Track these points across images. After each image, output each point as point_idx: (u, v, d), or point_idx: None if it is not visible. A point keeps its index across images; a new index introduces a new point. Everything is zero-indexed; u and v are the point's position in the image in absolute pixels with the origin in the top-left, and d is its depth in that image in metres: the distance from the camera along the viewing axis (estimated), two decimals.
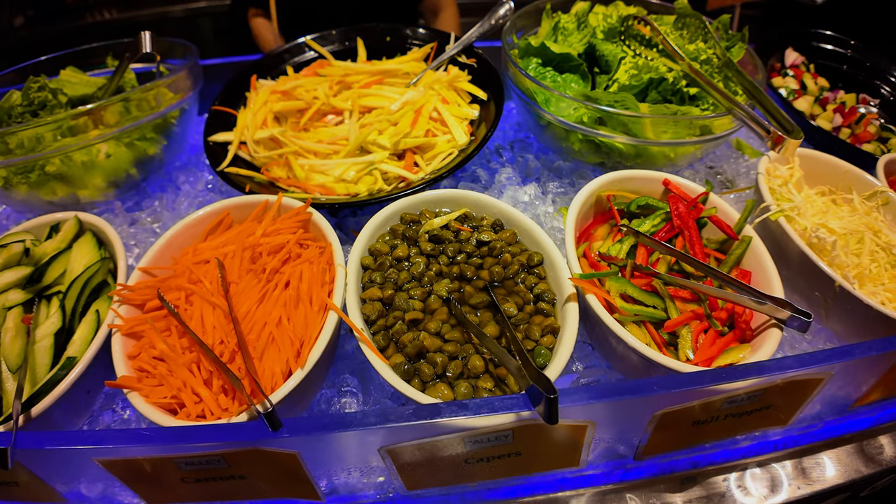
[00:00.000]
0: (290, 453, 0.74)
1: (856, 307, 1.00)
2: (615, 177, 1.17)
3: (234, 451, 0.74)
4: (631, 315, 0.95)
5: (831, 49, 1.82)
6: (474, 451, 0.81)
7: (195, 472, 0.77)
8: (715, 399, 0.82)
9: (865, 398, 1.03)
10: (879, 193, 1.23)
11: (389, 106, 1.29)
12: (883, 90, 1.75)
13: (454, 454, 0.81)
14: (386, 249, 1.06)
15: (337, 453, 0.80)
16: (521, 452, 0.84)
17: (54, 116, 1.04)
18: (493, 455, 0.83)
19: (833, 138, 1.46)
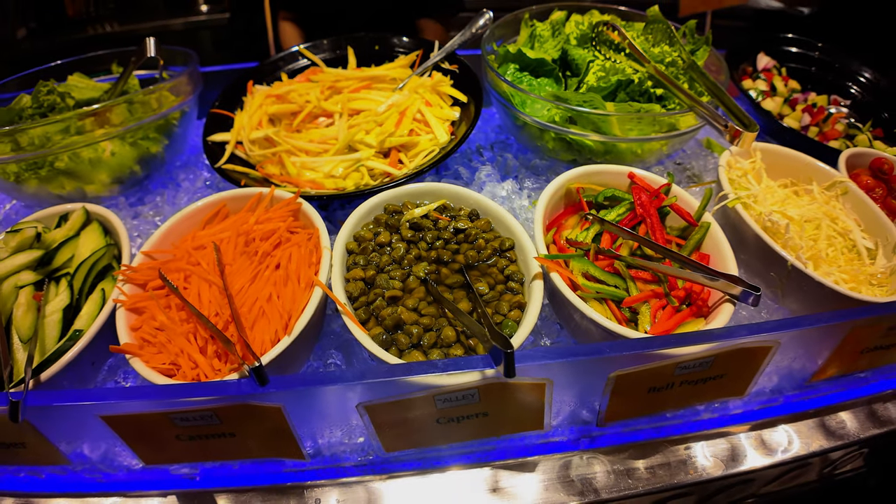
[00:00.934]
0: (275, 407, 0.83)
1: (808, 285, 1.09)
2: (584, 171, 1.27)
3: (225, 405, 0.82)
4: (592, 293, 1.04)
5: (801, 52, 1.94)
6: (445, 409, 0.89)
7: (190, 428, 0.86)
8: (666, 364, 0.91)
9: (822, 373, 1.11)
10: (839, 183, 1.32)
11: (376, 108, 1.39)
12: (852, 90, 1.86)
13: (426, 413, 0.90)
14: (370, 236, 1.16)
15: (319, 409, 0.89)
16: (489, 413, 0.93)
17: (63, 115, 1.15)
18: (463, 415, 0.92)
19: (799, 135, 1.57)
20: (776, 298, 1.19)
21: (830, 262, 1.19)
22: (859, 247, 1.21)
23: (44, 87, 1.36)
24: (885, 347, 1.10)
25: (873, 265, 1.16)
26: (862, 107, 1.83)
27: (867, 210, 1.28)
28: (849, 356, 1.08)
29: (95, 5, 3.31)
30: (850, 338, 1.02)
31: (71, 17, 3.21)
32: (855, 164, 1.44)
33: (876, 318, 1.00)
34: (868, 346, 1.08)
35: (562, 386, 0.91)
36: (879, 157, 1.47)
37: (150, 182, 1.46)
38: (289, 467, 1.02)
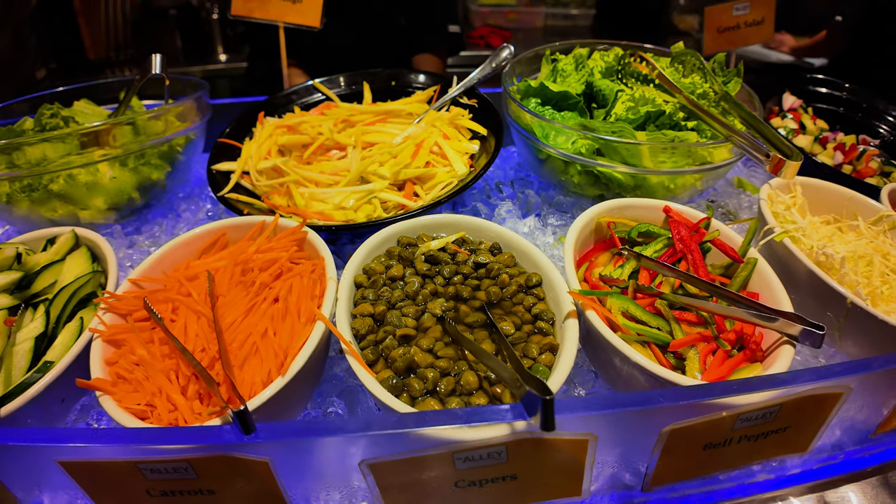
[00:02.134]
0: (262, 461, 0.69)
1: (870, 325, 0.98)
2: (615, 204, 1.18)
3: (203, 457, 0.69)
4: (634, 334, 0.92)
5: (827, 92, 1.90)
6: (465, 470, 0.75)
7: (161, 482, 0.72)
8: (726, 416, 0.77)
9: (887, 424, 0.97)
10: (885, 217, 1.23)
11: (391, 140, 1.33)
12: (881, 130, 1.80)
13: (443, 475, 0.76)
14: (381, 269, 1.05)
15: (314, 467, 0.76)
16: (518, 475, 0.79)
17: (59, 132, 1.08)
18: (487, 478, 0.78)
19: (836, 172, 1.50)
20: (833, 342, 1.05)
21: (888, 301, 1.06)
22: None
23: (47, 111, 1.31)
24: None
25: None
26: (891, 146, 1.77)
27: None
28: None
29: (116, 50, 3.40)
30: None
31: (91, 60, 3.29)
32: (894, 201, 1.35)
33: None
34: None
35: (606, 443, 0.77)
36: None
37: (150, 211, 1.38)
38: None
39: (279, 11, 1.58)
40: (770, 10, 1.83)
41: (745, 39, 1.85)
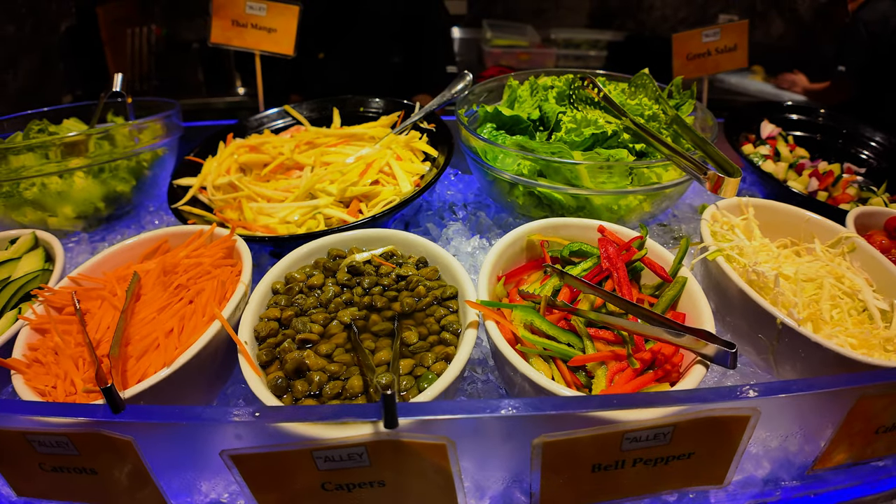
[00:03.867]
0: (125, 440, 0.72)
1: (805, 348, 0.94)
2: (549, 223, 1.18)
3: (79, 432, 0.74)
4: (537, 348, 0.90)
5: (806, 120, 1.87)
6: (329, 471, 0.75)
7: (49, 456, 0.77)
8: (609, 433, 0.74)
9: (829, 458, 0.91)
10: (844, 240, 1.18)
11: (345, 160, 1.38)
12: (862, 156, 1.79)
13: (308, 475, 0.76)
14: (302, 277, 1.08)
15: (181, 453, 0.77)
16: (385, 482, 0.77)
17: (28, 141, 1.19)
18: (353, 482, 0.77)
19: (806, 198, 1.49)
20: (770, 368, 1.00)
21: (836, 325, 1.01)
22: (871, 308, 1.04)
23: (35, 126, 1.45)
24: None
25: (889, 328, 0.97)
26: (878, 175, 1.73)
27: (880, 268, 1.15)
28: (860, 436, 0.89)
29: (140, 80, 3.67)
30: (858, 411, 0.84)
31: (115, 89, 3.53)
32: (868, 225, 1.34)
33: (889, 386, 0.80)
34: (885, 425, 0.89)
35: (473, 452, 0.75)
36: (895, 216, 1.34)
37: (118, 222, 1.48)
38: None
39: (255, 40, 1.70)
40: (742, 36, 1.83)
41: (716, 66, 1.84)
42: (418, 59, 2.80)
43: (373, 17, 2.63)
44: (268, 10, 1.67)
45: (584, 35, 4.23)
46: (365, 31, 2.66)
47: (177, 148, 1.58)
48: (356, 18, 2.61)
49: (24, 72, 3.00)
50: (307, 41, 2.62)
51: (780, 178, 1.64)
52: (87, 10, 3.32)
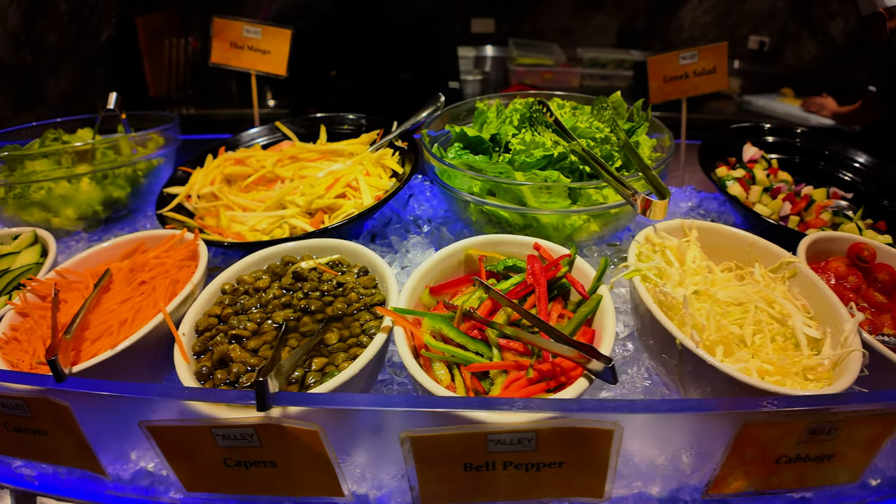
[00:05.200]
0: (63, 405, 0.86)
1: (703, 371, 0.98)
2: (488, 239, 1.27)
3: (31, 397, 0.89)
4: (439, 353, 0.99)
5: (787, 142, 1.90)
6: (226, 448, 0.87)
7: (11, 418, 0.94)
8: (473, 433, 0.82)
9: (722, 484, 0.94)
10: (786, 265, 1.19)
11: (317, 174, 1.52)
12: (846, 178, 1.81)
13: (211, 450, 0.89)
14: (251, 280, 1.22)
15: (109, 421, 0.91)
16: (276, 464, 0.88)
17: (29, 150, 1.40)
18: (248, 460, 0.89)
19: (766, 222, 1.51)
20: (678, 388, 1.04)
21: (756, 350, 1.04)
22: (798, 335, 1.06)
23: (51, 135, 1.68)
24: (815, 459, 0.93)
25: (813, 357, 0.99)
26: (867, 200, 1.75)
27: (819, 295, 1.15)
28: (758, 465, 0.93)
29: (176, 89, 4.01)
30: (746, 438, 0.87)
31: (152, 96, 3.89)
32: (828, 251, 1.36)
33: (776, 414, 0.84)
34: (787, 455, 0.92)
35: (353, 443, 0.85)
36: (858, 242, 1.36)
37: (116, 225, 1.69)
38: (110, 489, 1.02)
39: (251, 61, 1.89)
40: (722, 58, 1.86)
41: (695, 88, 1.88)
42: (428, 76, 2.96)
43: (383, 38, 2.82)
44: (263, 33, 1.86)
45: (610, 55, 4.28)
46: (376, 50, 2.85)
47: (174, 158, 1.77)
48: (367, 38, 2.80)
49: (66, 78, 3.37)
50: (321, 59, 2.86)
51: (754, 200, 1.66)
52: (127, 20, 3.68)
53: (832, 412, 0.87)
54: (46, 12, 3.21)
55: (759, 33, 4.20)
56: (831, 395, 0.92)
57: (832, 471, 0.96)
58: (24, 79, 3.14)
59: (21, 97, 3.14)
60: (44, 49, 3.20)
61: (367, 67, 2.85)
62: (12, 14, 2.97)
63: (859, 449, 0.93)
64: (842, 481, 0.99)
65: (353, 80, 2.88)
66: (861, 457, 0.95)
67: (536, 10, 4.57)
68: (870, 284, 1.34)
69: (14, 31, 3.00)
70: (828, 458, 0.93)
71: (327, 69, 2.89)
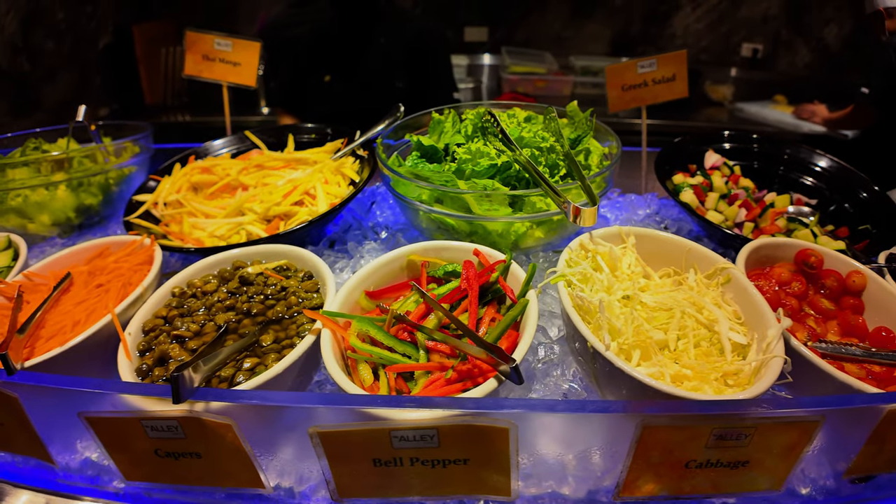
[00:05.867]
0: (12, 396, 0.95)
1: (616, 375, 1.01)
2: (431, 245, 1.34)
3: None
4: (363, 354, 1.05)
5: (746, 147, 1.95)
6: (157, 439, 0.95)
7: None
8: (376, 429, 0.88)
9: (634, 487, 0.98)
10: (720, 271, 1.24)
11: (277, 182, 1.60)
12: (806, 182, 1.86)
13: (142, 439, 0.96)
14: (200, 284, 1.29)
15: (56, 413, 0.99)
16: (202, 455, 0.95)
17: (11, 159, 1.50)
18: (177, 451, 0.96)
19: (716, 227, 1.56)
20: (596, 392, 1.09)
21: (679, 354, 1.08)
22: (723, 341, 1.10)
23: (31, 144, 1.78)
24: (729, 465, 0.95)
25: (735, 363, 1.04)
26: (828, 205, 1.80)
27: (750, 301, 1.18)
28: (667, 468, 0.96)
29: (172, 96, 4.14)
30: (648, 441, 0.90)
31: (149, 104, 4.02)
32: (776, 257, 1.40)
33: (671, 417, 0.88)
34: (697, 460, 0.95)
35: (263, 435, 0.91)
36: (805, 249, 1.38)
37: (88, 230, 1.78)
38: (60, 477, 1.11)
39: (222, 73, 1.99)
40: (681, 66, 1.90)
41: (654, 97, 1.92)
42: (424, 86, 3.07)
43: (380, 46, 2.95)
44: (233, 46, 1.95)
45: (603, 62, 4.33)
46: (371, 57, 2.99)
47: (148, 166, 1.87)
48: (364, 45, 2.93)
49: (64, 85, 3.51)
50: (315, 63, 2.96)
51: (710, 207, 1.70)
52: (124, 28, 3.82)
53: (739, 418, 0.90)
54: (44, 20, 3.35)
55: (752, 41, 4.23)
56: (729, 400, 0.92)
57: (751, 477, 0.98)
58: (21, 85, 3.28)
59: (19, 104, 3.28)
60: (41, 56, 3.34)
61: (362, 74, 2.97)
62: (10, 21, 3.11)
63: (776, 456, 0.95)
64: (763, 488, 1.01)
65: (347, 85, 2.99)
66: (780, 464, 0.97)
67: (529, 19, 4.64)
68: (817, 291, 1.38)
69: (11, 38, 3.14)
70: (743, 465, 0.96)
71: (321, 74, 3.01)
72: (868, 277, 1.32)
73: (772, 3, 4.11)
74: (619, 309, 1.15)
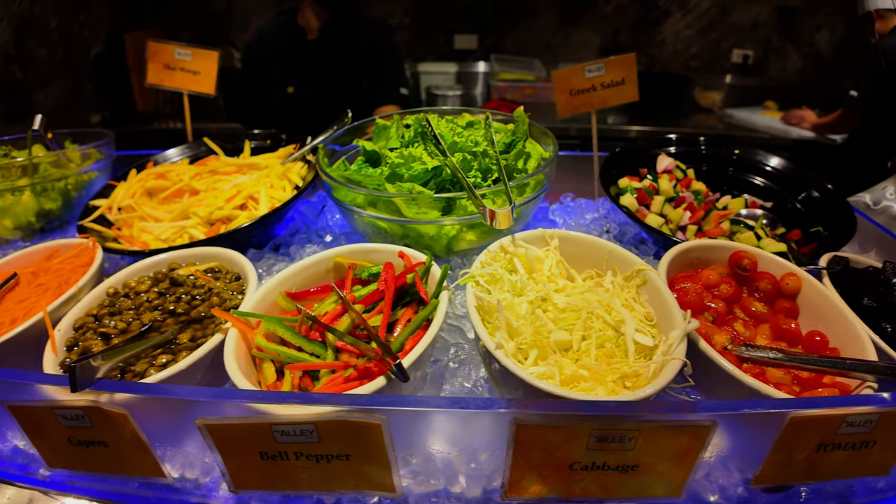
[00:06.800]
0: None
1: (504, 373, 1.03)
2: (358, 247, 1.40)
3: None
4: (269, 353, 1.11)
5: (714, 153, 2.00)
6: (69, 427, 1.03)
7: None
8: (257, 423, 0.93)
9: (519, 488, 1.00)
10: (636, 273, 1.28)
11: (223, 187, 1.68)
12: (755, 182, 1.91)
13: (56, 427, 1.04)
14: (133, 284, 1.37)
15: None
16: (108, 444, 1.02)
17: None
18: (86, 440, 1.04)
19: (653, 230, 1.60)
20: (495, 390, 1.13)
21: (581, 355, 1.12)
22: (627, 342, 1.13)
23: (1, 150, 1.87)
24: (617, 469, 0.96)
25: (634, 365, 1.08)
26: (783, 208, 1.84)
27: (663, 303, 1.21)
28: (551, 470, 0.97)
29: (163, 103, 4.28)
30: (523, 441, 0.92)
31: (139, 111, 4.16)
32: (709, 259, 1.42)
33: (542, 417, 0.90)
34: (581, 462, 0.96)
35: (159, 426, 0.97)
36: (738, 251, 1.39)
37: (50, 235, 1.88)
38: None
39: (183, 81, 2.09)
40: (630, 70, 1.92)
41: (603, 101, 1.95)
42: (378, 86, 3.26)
43: (334, 50, 3.13)
44: (192, 55, 2.05)
45: None
46: (325, 64, 3.16)
47: (110, 171, 1.96)
48: (314, 55, 3.11)
49: (56, 92, 3.66)
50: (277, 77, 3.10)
51: (655, 211, 1.73)
52: (116, 37, 3.98)
53: (619, 420, 0.90)
54: (36, 29, 3.51)
55: (743, 47, 4.24)
56: (604, 402, 0.91)
57: (644, 483, 0.99)
58: (13, 93, 3.44)
59: (11, 111, 3.43)
60: (34, 64, 3.50)
61: (321, 81, 3.14)
62: (3, 29, 3.27)
63: (669, 462, 0.95)
64: (660, 494, 1.01)
65: (308, 94, 3.12)
66: (675, 470, 0.97)
67: (519, 27, 4.71)
68: (751, 293, 1.39)
69: (4, 46, 3.30)
70: (632, 469, 0.96)
71: (284, 85, 3.15)
72: (803, 280, 1.33)
73: (762, 9, 4.13)
74: (523, 309, 1.19)
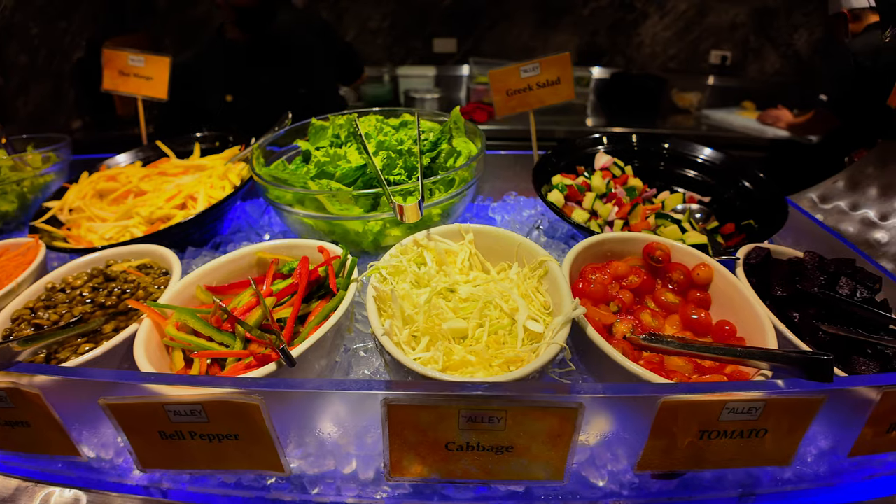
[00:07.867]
0: None
1: (390, 358, 1.12)
2: (283, 243, 1.50)
3: None
4: (179, 342, 1.21)
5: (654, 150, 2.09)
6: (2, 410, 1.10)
7: None
8: (151, 402, 1.03)
9: (401, 468, 1.07)
10: (540, 264, 1.37)
11: (167, 187, 1.78)
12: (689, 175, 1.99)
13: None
14: (71, 280, 1.47)
15: None
16: (29, 423, 1.14)
17: None
18: (10, 420, 1.15)
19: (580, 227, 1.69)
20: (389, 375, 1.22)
21: (474, 342, 1.20)
22: (518, 329, 1.21)
23: None
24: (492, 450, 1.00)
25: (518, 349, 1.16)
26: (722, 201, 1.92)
27: (558, 293, 1.28)
28: (428, 448, 1.02)
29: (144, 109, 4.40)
30: (396, 419, 0.98)
31: (119, 115, 4.29)
32: (624, 252, 1.48)
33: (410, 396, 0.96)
34: (455, 441, 1.01)
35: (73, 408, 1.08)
36: (651, 242, 1.47)
37: (7, 235, 2.01)
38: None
39: (136, 87, 2.22)
40: (566, 69, 2.00)
41: (540, 101, 2.03)
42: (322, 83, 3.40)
43: (269, 56, 3.26)
44: (145, 61, 2.17)
45: None
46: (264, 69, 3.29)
47: (67, 174, 2.08)
48: (253, 59, 3.24)
49: (37, 98, 3.80)
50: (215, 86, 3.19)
51: (587, 207, 1.81)
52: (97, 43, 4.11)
53: (483, 400, 0.95)
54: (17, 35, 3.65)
55: (720, 48, 4.30)
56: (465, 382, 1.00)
57: (521, 464, 1.03)
58: None
59: None
60: (15, 70, 3.64)
61: (261, 86, 3.29)
62: None
63: (543, 444, 1.00)
64: (541, 477, 1.05)
65: (248, 101, 3.31)
66: (551, 452, 1.01)
67: (497, 30, 4.81)
68: (665, 284, 1.47)
69: None
70: (507, 450, 1.01)
71: (223, 94, 3.33)
72: (714, 270, 1.39)
73: (740, 10, 4.19)
74: (420, 299, 1.28)
